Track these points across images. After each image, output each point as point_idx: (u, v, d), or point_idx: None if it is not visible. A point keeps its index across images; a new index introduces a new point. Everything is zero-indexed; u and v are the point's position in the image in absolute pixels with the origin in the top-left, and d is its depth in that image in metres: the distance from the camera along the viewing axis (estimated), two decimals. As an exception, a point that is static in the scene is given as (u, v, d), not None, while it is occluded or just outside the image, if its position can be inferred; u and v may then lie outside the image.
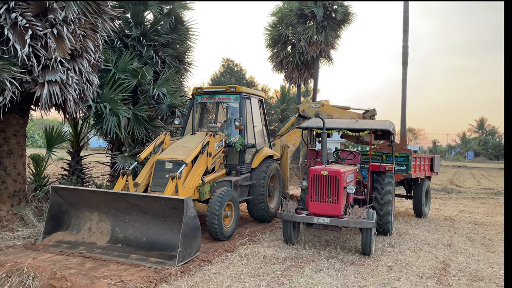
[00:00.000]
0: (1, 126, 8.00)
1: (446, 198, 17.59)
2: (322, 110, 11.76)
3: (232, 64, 51.16)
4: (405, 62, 25.01)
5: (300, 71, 23.55)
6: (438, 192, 19.66)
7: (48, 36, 7.31)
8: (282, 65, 23.71)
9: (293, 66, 23.23)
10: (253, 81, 50.24)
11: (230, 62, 51.06)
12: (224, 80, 47.32)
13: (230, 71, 50.55)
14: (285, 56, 23.41)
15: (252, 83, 49.44)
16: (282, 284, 5.33)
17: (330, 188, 7.05)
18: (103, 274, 5.42)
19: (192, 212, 6.26)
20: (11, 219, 7.79)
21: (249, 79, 50.34)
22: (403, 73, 25.00)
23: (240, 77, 49.42)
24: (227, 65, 50.77)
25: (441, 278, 5.97)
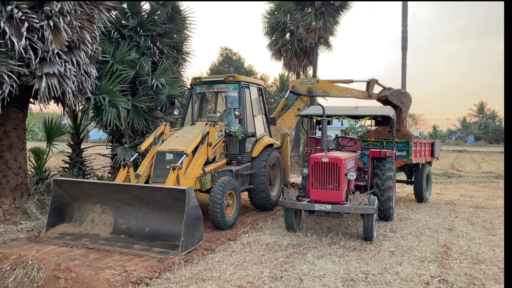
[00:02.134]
0: (1, 120, 7.99)
1: (447, 182, 17.63)
2: (316, 86, 11.05)
3: (230, 53, 50.89)
4: (404, 47, 24.86)
5: (299, 59, 23.42)
6: (439, 177, 19.71)
7: (44, 28, 7.26)
8: (281, 52, 23.57)
9: (291, 54, 23.09)
10: (252, 70, 50.05)
11: (228, 51, 50.79)
12: (222, 69, 47.10)
13: (229, 60, 50.30)
14: (283, 43, 23.26)
15: (251, 72, 49.23)
16: (285, 271, 5.37)
17: (331, 175, 7.06)
18: (107, 265, 5.45)
19: (194, 202, 6.28)
20: (14, 212, 7.83)
21: (248, 68, 50.09)
22: (402, 58, 24.85)
23: (239, 66, 49.18)
24: (225, 54, 50.51)
25: (443, 261, 6.00)
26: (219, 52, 52.17)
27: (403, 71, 24.90)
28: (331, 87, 11.16)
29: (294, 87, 11.37)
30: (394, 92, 11.19)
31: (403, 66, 24.92)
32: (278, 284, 4.91)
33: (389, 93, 10.86)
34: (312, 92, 10.85)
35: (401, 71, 24.94)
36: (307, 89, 10.91)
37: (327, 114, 8.18)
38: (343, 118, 8.43)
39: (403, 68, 24.92)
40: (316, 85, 11.15)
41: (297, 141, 27.29)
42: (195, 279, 5.00)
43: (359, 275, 5.27)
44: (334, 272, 5.37)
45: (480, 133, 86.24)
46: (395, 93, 11.18)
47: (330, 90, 11.13)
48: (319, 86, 11.15)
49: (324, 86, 11.20)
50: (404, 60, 24.92)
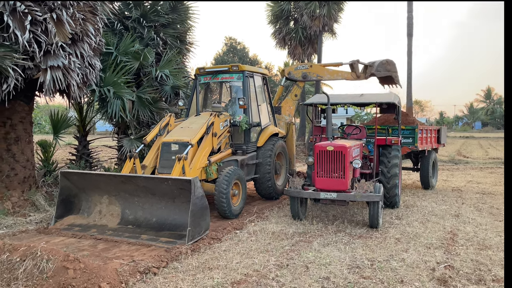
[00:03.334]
0: (7, 113, 8.04)
1: (454, 169, 17.57)
2: (310, 71, 10.99)
3: (235, 43, 50.69)
4: (410, 33, 24.64)
5: (304, 47, 23.30)
6: (446, 164, 19.64)
7: (47, 21, 7.27)
8: (285, 41, 23.45)
9: (296, 42, 22.97)
10: (257, 59, 49.86)
11: (232, 40, 50.59)
12: (227, 59, 46.99)
13: (233, 49, 50.12)
14: (287, 32, 23.13)
15: (256, 61, 49.06)
16: (291, 259, 5.41)
17: (336, 163, 7.07)
18: (115, 255, 5.52)
19: (199, 192, 6.32)
20: (22, 204, 7.92)
21: (252, 57, 49.95)
22: (408, 44, 24.65)
23: (243, 56, 49.02)
24: (229, 43, 50.32)
25: (449, 248, 6.01)
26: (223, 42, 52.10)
27: (408, 57, 24.71)
28: (323, 71, 11.14)
29: (289, 73, 11.28)
30: (378, 67, 11.04)
31: (408, 53, 24.72)
32: (284, 272, 4.95)
33: (374, 71, 10.75)
34: (307, 77, 10.87)
35: (407, 57, 24.76)
36: (302, 75, 10.88)
37: (332, 102, 8.15)
38: (348, 106, 8.40)
39: (408, 55, 24.73)
40: (310, 69, 11.09)
41: (303, 130, 27.27)
42: (202, 268, 5.05)
43: (365, 262, 5.30)
44: (340, 260, 5.40)
45: (488, 119, 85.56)
46: (380, 67, 11.02)
47: (323, 74, 11.11)
48: (313, 70, 11.09)
49: (317, 70, 11.16)
50: (410, 47, 24.71)
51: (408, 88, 24.82)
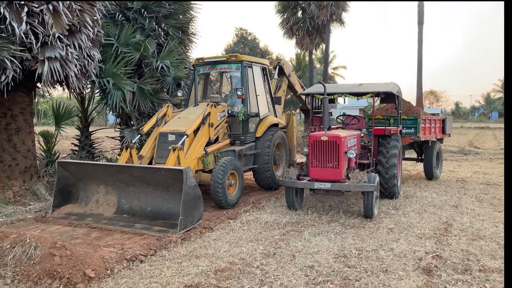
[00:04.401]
0: (8, 104, 8.18)
1: (463, 160, 17.35)
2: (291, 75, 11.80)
3: (245, 33, 50.51)
4: (420, 21, 24.31)
5: (311, 37, 23.12)
6: (455, 154, 19.40)
7: (44, 13, 7.34)
8: (293, 31, 23.30)
9: (303, 32, 22.81)
10: (267, 50, 49.65)
11: (243, 31, 50.40)
12: (238, 50, 46.83)
13: (244, 40, 49.98)
14: (295, 21, 22.96)
15: (267, 52, 48.86)
16: (279, 248, 5.44)
17: (331, 153, 7.04)
18: (107, 243, 5.61)
19: (192, 182, 6.37)
20: (23, 194, 8.08)
21: (263, 48, 49.75)
22: (418, 32, 24.36)
23: (254, 46, 48.85)
24: (240, 34, 50.16)
25: (441, 238, 5.97)
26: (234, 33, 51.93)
27: (419, 46, 24.42)
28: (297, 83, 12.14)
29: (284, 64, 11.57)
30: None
31: (419, 41, 24.44)
32: (270, 261, 4.98)
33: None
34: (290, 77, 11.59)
35: (417, 46, 24.47)
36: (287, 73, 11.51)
37: (328, 92, 8.10)
38: (345, 96, 8.34)
39: (419, 43, 24.44)
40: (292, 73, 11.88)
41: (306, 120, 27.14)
42: (189, 256, 5.11)
43: (352, 252, 5.30)
44: (328, 249, 5.41)
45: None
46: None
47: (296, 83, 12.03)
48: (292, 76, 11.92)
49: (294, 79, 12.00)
50: (421, 35, 24.41)
51: (418, 77, 24.55)
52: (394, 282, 4.38)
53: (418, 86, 24.46)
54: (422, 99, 24.25)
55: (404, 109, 11.86)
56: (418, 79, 24.47)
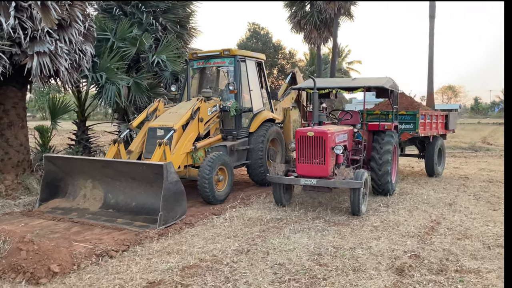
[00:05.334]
0: (0, 99, 8.26)
1: (472, 156, 16.94)
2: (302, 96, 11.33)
3: (258, 28, 50.19)
4: (432, 15, 23.83)
5: (319, 31, 22.85)
6: (465, 151, 18.97)
7: (32, 7, 7.37)
8: (301, 25, 23.05)
9: (311, 26, 22.55)
10: (280, 45, 49.27)
11: (256, 25, 50.08)
12: (250, 45, 46.55)
13: (257, 35, 49.67)
14: (303, 15, 22.71)
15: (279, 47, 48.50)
16: (254, 245, 5.36)
17: (317, 149, 6.92)
18: (85, 238, 5.62)
19: (173, 177, 6.33)
20: (15, 187, 8.17)
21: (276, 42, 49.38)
22: (430, 27, 23.87)
23: (266, 41, 48.48)
24: (253, 29, 49.85)
25: (425, 236, 5.81)
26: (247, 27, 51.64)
27: (430, 40, 23.93)
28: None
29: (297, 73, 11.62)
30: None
31: (430, 36, 23.95)
32: (241, 258, 4.90)
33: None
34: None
35: (429, 41, 23.98)
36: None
37: (320, 86, 7.96)
38: (336, 91, 8.17)
39: (430, 38, 23.95)
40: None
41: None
42: (161, 252, 5.07)
43: (329, 250, 5.19)
44: (304, 246, 5.30)
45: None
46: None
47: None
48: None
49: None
50: (432, 29, 23.93)
51: (430, 72, 24.07)
52: (362, 282, 4.27)
53: (429, 81, 23.98)
54: (432, 94, 23.76)
55: (405, 104, 11.62)
56: (429, 74, 23.99)
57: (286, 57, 48.78)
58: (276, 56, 47.64)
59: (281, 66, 47.50)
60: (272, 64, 46.49)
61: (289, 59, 48.82)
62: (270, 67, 46.36)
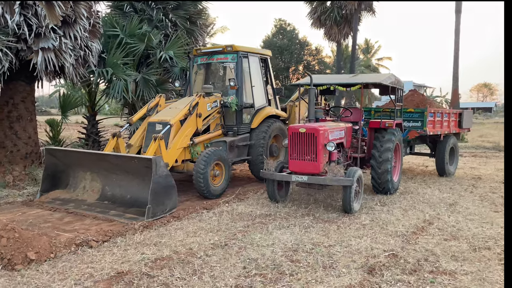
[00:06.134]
0: (9, 93, 8.61)
1: (494, 156, 16.38)
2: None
3: (284, 24, 49.98)
4: (458, 10, 23.13)
5: (340, 26, 22.58)
6: (488, 151, 18.37)
7: (37, 5, 7.64)
8: (321, 21, 22.82)
9: (331, 22, 22.28)
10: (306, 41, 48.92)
11: (282, 21, 49.88)
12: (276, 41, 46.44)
13: (283, 31, 49.48)
14: (323, 11, 22.48)
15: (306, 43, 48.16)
16: (233, 239, 5.40)
17: (309, 146, 6.88)
18: (73, 228, 5.81)
19: (163, 171, 6.44)
20: (23, 178, 8.50)
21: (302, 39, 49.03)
22: (456, 21, 23.18)
23: (292, 37, 48.23)
24: (279, 25, 49.68)
25: (412, 236, 5.69)
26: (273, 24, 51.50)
27: (456, 36, 23.25)
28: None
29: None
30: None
31: (456, 31, 23.27)
32: (217, 251, 4.96)
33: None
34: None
35: (454, 36, 23.30)
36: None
37: (317, 83, 7.90)
38: (334, 87, 8.08)
39: (456, 33, 23.26)
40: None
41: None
42: (141, 244, 5.18)
43: (306, 246, 5.17)
44: (284, 242, 5.30)
45: None
46: None
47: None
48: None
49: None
50: (458, 24, 23.24)
51: (455, 69, 23.40)
52: (329, 278, 4.24)
53: (454, 78, 23.28)
54: (457, 92, 23.04)
55: (416, 101, 11.38)
56: (454, 71, 23.30)
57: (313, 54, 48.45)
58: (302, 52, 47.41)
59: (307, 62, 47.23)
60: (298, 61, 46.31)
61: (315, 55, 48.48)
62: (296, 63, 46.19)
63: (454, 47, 23.13)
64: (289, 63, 45.47)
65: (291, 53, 45.60)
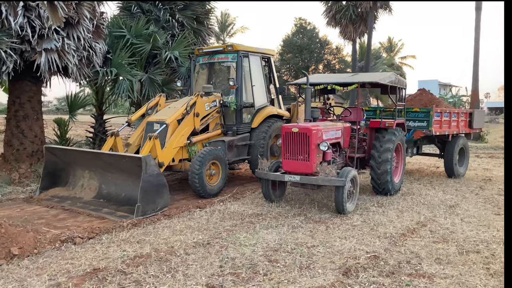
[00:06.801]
0: (16, 93, 8.87)
1: None
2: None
3: (304, 23, 49.74)
4: (478, 7, 22.54)
5: (355, 25, 22.31)
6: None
7: (40, 7, 7.84)
8: (336, 19, 22.61)
9: (347, 20, 22.05)
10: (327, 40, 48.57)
11: (302, 20, 49.66)
12: (296, 40, 46.32)
13: (303, 30, 49.26)
14: (338, 9, 22.26)
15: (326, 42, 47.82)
16: (217, 238, 5.42)
17: (301, 145, 6.84)
18: (65, 224, 5.94)
19: (154, 170, 6.52)
20: (28, 176, 8.74)
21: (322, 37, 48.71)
22: (476, 19, 22.60)
23: (312, 36, 47.97)
24: (299, 24, 49.47)
25: (400, 238, 5.59)
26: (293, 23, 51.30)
27: (476, 34, 22.67)
28: None
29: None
30: None
31: (476, 28, 22.69)
32: (198, 250, 4.99)
33: None
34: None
35: (474, 34, 22.73)
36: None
37: (314, 82, 7.85)
38: (331, 87, 8.00)
39: (476, 31, 22.68)
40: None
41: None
42: (125, 241, 5.26)
43: (288, 246, 5.14)
44: (267, 242, 5.29)
45: None
46: None
47: None
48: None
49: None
50: (478, 22, 22.65)
51: (475, 68, 22.81)
52: (302, 279, 4.21)
53: (473, 78, 22.67)
54: (477, 92, 22.41)
55: (424, 101, 11.16)
56: (474, 70, 22.70)
57: (333, 52, 48.10)
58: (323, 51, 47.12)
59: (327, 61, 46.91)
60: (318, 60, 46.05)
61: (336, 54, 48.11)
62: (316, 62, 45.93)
63: (474, 46, 22.58)
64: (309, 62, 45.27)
65: (311, 52, 45.36)
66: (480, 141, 21.62)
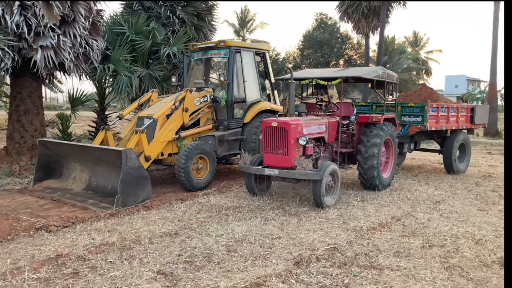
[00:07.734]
0: (17, 88, 9.26)
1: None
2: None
3: (325, 18, 49.32)
4: (497, -1, 21.86)
5: (368, 19, 22.05)
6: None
7: (35, 5, 8.16)
8: (348, 14, 22.40)
9: (359, 15, 21.82)
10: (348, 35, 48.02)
11: (323, 15, 49.26)
12: (316, 35, 46.00)
13: (323, 25, 48.86)
14: (350, 4, 22.05)
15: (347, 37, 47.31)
16: (187, 229, 5.58)
17: (281, 140, 6.92)
18: (49, 214, 6.21)
19: (134, 163, 6.73)
20: (28, 168, 9.13)
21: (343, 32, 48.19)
22: (494, 11, 21.97)
23: (333, 31, 47.53)
24: (320, 19, 49.09)
25: (367, 232, 5.62)
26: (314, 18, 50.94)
27: (494, 27, 22.03)
28: None
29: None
30: None
31: (494, 21, 22.04)
32: (163, 239, 5.16)
33: None
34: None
35: (492, 27, 22.10)
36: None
37: (297, 77, 7.91)
38: (316, 81, 8.01)
39: (494, 24, 22.04)
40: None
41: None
42: (96, 231, 5.47)
43: (254, 237, 5.25)
44: (234, 233, 5.41)
45: None
46: None
47: None
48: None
49: None
50: (496, 14, 22.04)
51: (493, 62, 22.20)
52: (253, 268, 4.32)
53: (491, 72, 22.08)
54: (495, 86, 21.82)
55: (423, 95, 11.01)
56: (492, 64, 22.09)
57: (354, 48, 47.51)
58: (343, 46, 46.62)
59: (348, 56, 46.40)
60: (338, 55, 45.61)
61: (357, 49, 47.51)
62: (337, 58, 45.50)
63: (492, 40, 21.97)
64: (329, 58, 44.90)
65: (331, 48, 44.95)
66: (497, 137, 21.09)
